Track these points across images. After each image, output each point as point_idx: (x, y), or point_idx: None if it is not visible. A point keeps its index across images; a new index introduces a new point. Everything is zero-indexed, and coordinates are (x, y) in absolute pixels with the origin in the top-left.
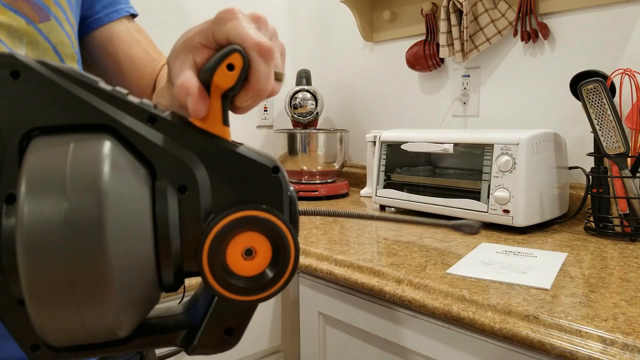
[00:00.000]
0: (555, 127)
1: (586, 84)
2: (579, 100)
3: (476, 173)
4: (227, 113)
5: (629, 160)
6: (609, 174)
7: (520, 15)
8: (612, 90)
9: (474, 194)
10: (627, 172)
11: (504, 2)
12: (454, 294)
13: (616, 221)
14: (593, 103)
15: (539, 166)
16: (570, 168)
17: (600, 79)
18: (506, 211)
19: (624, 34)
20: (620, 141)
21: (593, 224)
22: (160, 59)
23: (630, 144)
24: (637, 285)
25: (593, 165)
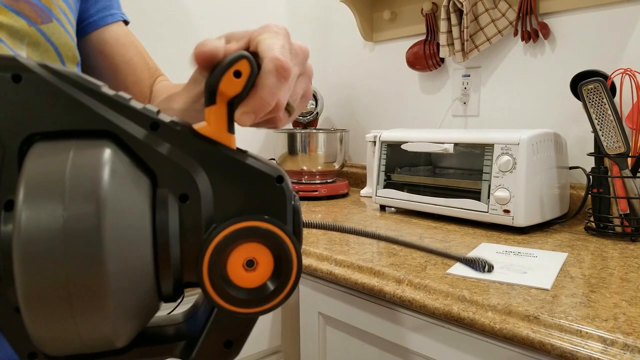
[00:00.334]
0: (556, 127)
1: (586, 84)
2: (580, 100)
3: (476, 173)
4: (233, 121)
5: (630, 160)
6: (609, 174)
7: (520, 15)
8: (613, 90)
9: (474, 194)
10: (628, 172)
11: (504, 2)
12: (454, 294)
13: (616, 221)
14: (593, 103)
15: (539, 166)
16: (571, 168)
17: (600, 78)
18: (506, 211)
19: (625, 34)
20: (621, 141)
21: (593, 224)
22: (155, 68)
23: (630, 144)
24: (638, 285)
25: (593, 165)
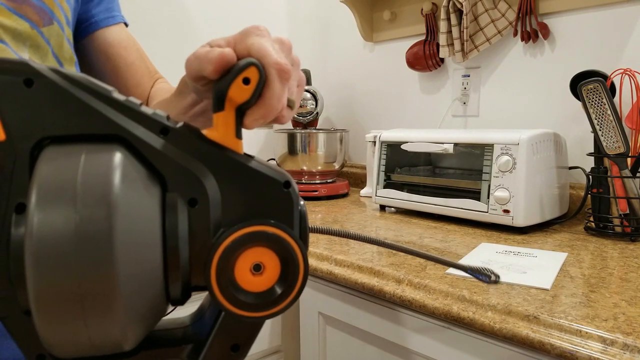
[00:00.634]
0: (556, 127)
1: (586, 84)
2: (579, 100)
3: (476, 173)
4: (240, 127)
5: (629, 160)
6: (609, 174)
7: (520, 15)
8: (612, 90)
9: (474, 194)
10: (627, 172)
11: (504, 2)
12: (454, 294)
13: (616, 221)
14: (593, 103)
15: (539, 166)
16: (571, 168)
17: (600, 79)
18: (506, 211)
19: (624, 34)
20: (620, 141)
21: (593, 224)
22: (155, 71)
23: (630, 144)
24: (637, 285)
25: (593, 165)
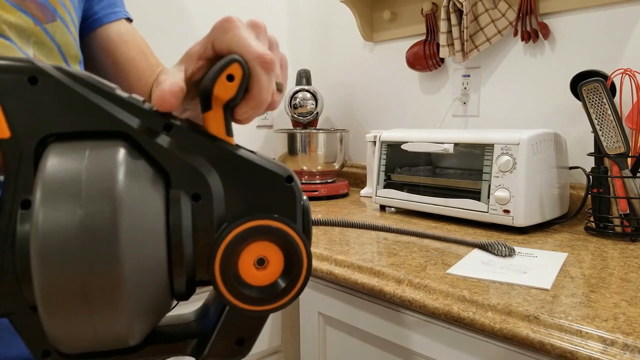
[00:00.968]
0: (556, 127)
1: (586, 84)
2: (579, 100)
3: (476, 173)
4: (230, 124)
5: (629, 160)
6: (609, 174)
7: (520, 15)
8: (613, 90)
9: (474, 194)
10: (628, 172)
11: (504, 2)
12: (454, 294)
13: (616, 221)
14: (593, 103)
15: (539, 166)
16: (571, 168)
17: (600, 78)
18: (506, 211)
19: (624, 34)
20: (621, 141)
21: (593, 224)
22: (157, 64)
23: (630, 144)
24: (638, 285)
25: (593, 165)
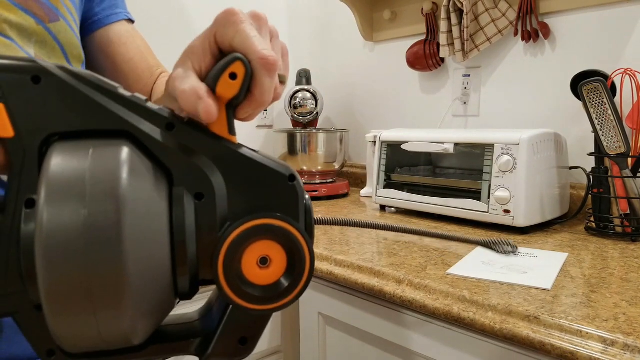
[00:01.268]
0: (556, 127)
1: (587, 84)
2: (580, 100)
3: (477, 173)
4: (233, 122)
5: (630, 160)
6: (609, 174)
7: (520, 14)
8: (613, 90)
9: (475, 194)
10: (628, 172)
11: (504, 2)
12: (454, 294)
13: (617, 221)
14: (594, 103)
15: (539, 166)
16: (571, 168)
17: (601, 78)
18: (507, 211)
19: (625, 34)
20: (621, 141)
21: (594, 224)
22: (158, 66)
23: (630, 144)
24: (638, 285)
25: (594, 165)
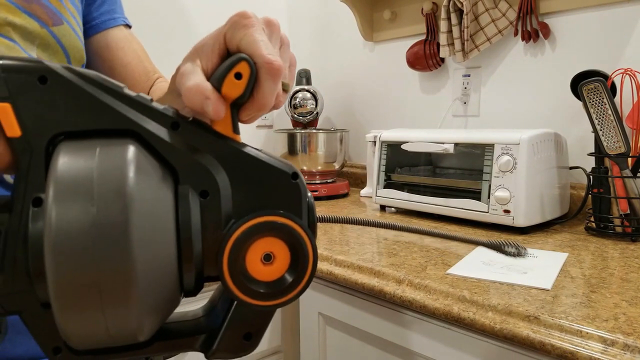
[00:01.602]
0: (556, 127)
1: (587, 84)
2: (580, 100)
3: (477, 173)
4: (237, 122)
5: (630, 160)
6: (609, 174)
7: (520, 14)
8: (613, 90)
9: (475, 194)
10: (628, 172)
11: (504, 2)
12: (454, 294)
13: (617, 221)
14: (594, 103)
15: (539, 166)
16: (571, 168)
17: (601, 78)
18: (507, 211)
19: (625, 34)
20: (621, 141)
21: (594, 224)
22: (154, 71)
23: (630, 144)
24: (638, 285)
25: (594, 165)
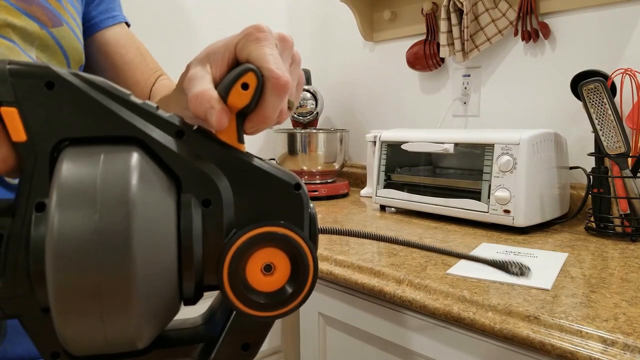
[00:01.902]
0: (556, 127)
1: (587, 84)
2: (580, 100)
3: (477, 173)
4: (242, 131)
5: (630, 160)
6: (609, 174)
7: (520, 14)
8: (613, 90)
9: (475, 194)
10: (628, 172)
11: (504, 2)
12: (454, 294)
13: (617, 221)
14: (594, 103)
15: (539, 166)
16: (571, 168)
17: (601, 78)
18: (507, 211)
19: (625, 34)
20: (621, 141)
21: (594, 224)
22: (156, 68)
23: (630, 144)
24: (638, 285)
25: (594, 165)
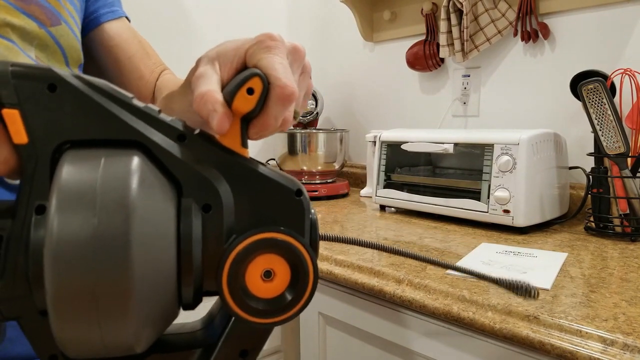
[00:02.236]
0: (556, 127)
1: (586, 84)
2: (579, 100)
3: (476, 173)
4: (246, 136)
5: (629, 160)
6: (609, 174)
7: (520, 15)
8: (613, 90)
9: (474, 194)
10: (628, 172)
11: (504, 2)
12: (454, 294)
13: (616, 221)
14: (593, 103)
15: (539, 166)
16: (571, 168)
17: (600, 79)
18: (506, 211)
19: (624, 34)
20: (621, 141)
21: (593, 224)
22: (159, 63)
23: (630, 144)
24: (638, 285)
25: (593, 165)
